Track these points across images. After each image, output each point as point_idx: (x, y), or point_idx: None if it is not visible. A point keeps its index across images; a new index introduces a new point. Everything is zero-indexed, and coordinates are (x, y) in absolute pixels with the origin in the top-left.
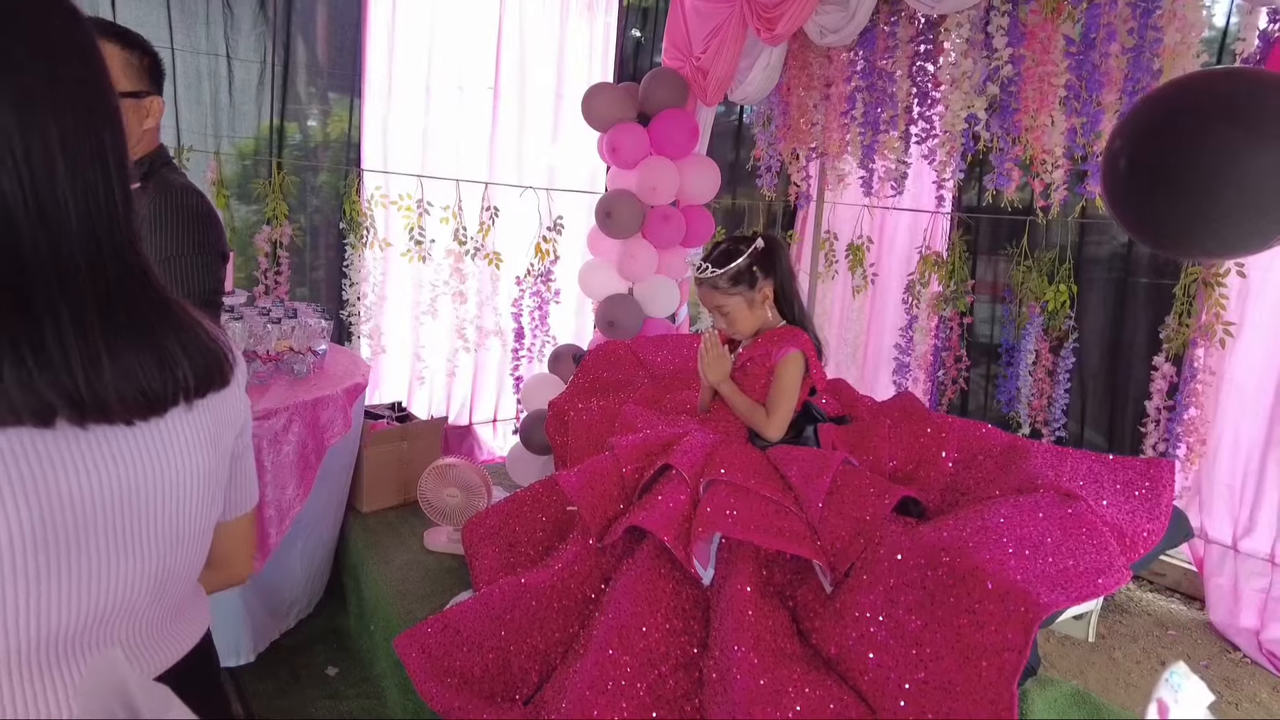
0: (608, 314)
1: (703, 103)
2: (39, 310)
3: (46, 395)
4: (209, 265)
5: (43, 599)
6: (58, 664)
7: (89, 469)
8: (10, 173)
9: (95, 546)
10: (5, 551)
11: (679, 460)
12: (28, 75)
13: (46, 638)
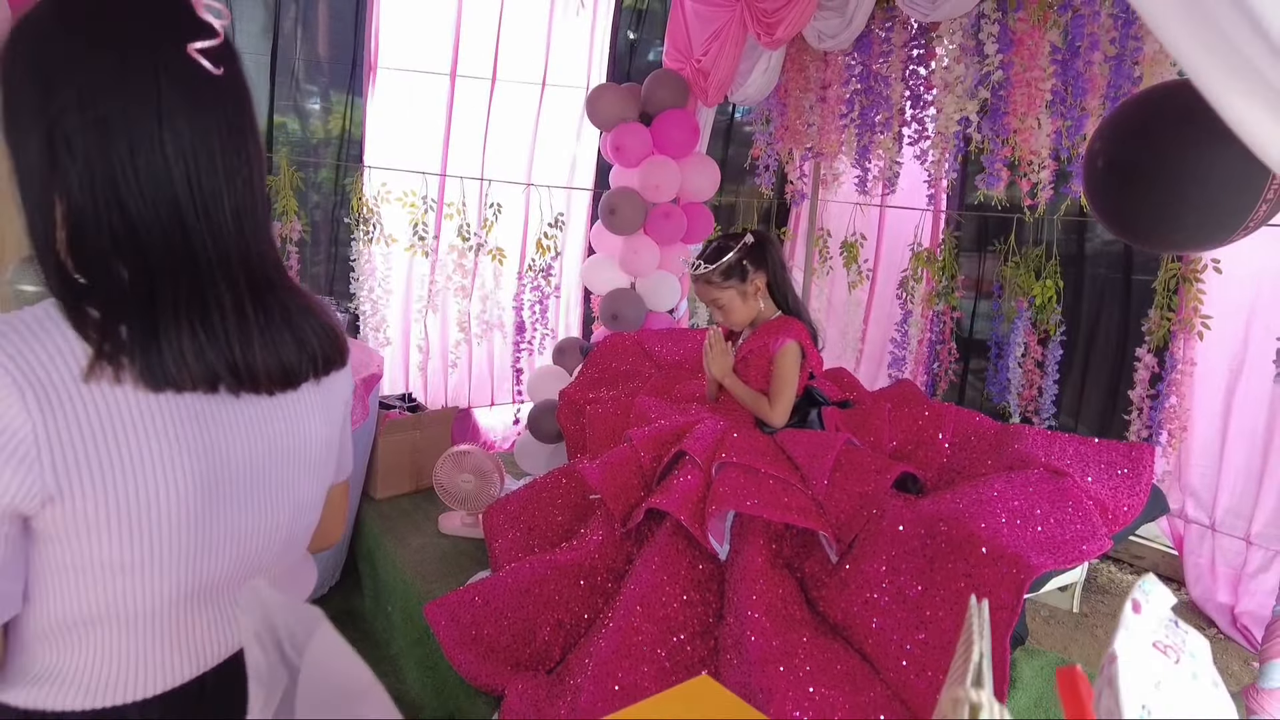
0: (611, 308)
1: (703, 103)
2: (207, 295)
3: (215, 366)
4: None
5: (204, 546)
6: (207, 606)
7: (241, 432)
8: (182, 180)
9: (242, 503)
10: (181, 501)
11: (692, 446)
12: (210, 93)
13: (202, 582)
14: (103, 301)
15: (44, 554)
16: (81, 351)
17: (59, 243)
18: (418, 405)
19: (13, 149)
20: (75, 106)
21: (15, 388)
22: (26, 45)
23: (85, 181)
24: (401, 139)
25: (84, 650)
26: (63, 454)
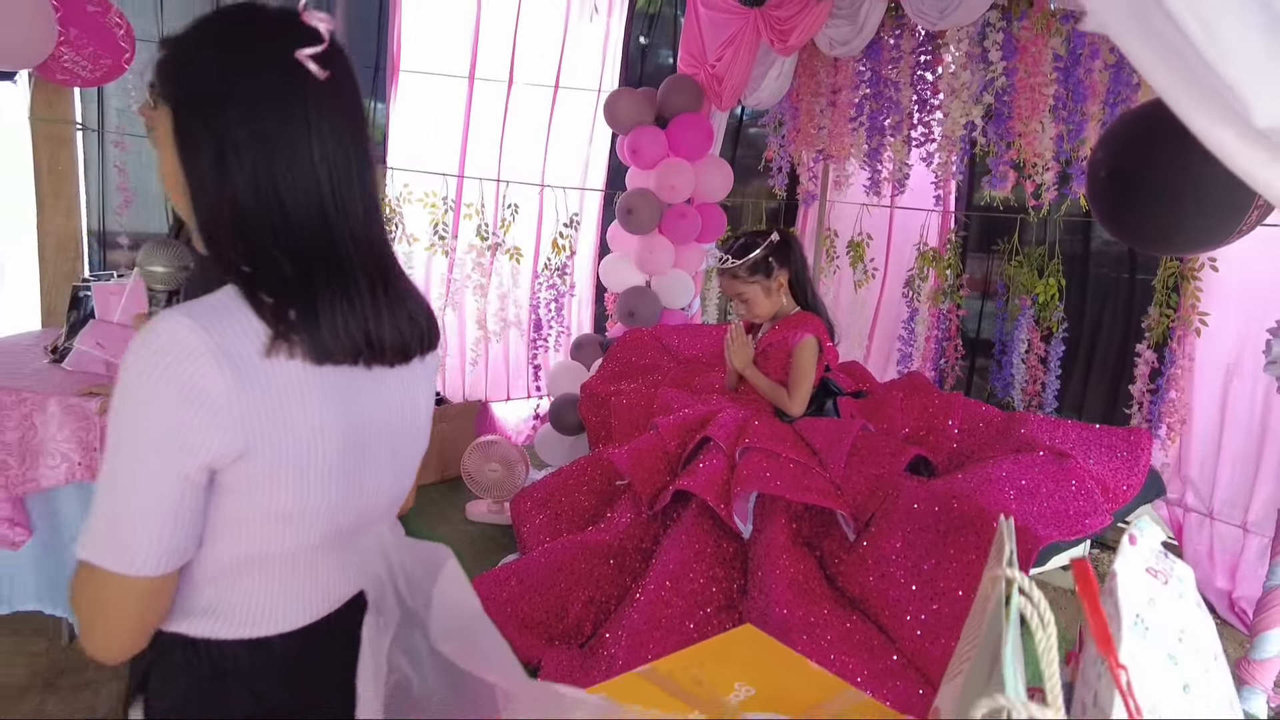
0: (628, 305)
1: (717, 107)
2: (348, 280)
3: (357, 340)
4: None
5: (342, 500)
6: (337, 553)
7: (371, 401)
8: (326, 182)
9: (370, 463)
10: (331, 459)
11: (716, 432)
12: (343, 109)
13: (337, 532)
14: (272, 288)
15: (222, 505)
16: (261, 329)
17: (220, 235)
18: (443, 399)
19: (184, 159)
20: (240, 122)
21: (215, 361)
22: (190, 69)
23: (249, 186)
24: (422, 141)
25: (242, 589)
26: (251, 417)
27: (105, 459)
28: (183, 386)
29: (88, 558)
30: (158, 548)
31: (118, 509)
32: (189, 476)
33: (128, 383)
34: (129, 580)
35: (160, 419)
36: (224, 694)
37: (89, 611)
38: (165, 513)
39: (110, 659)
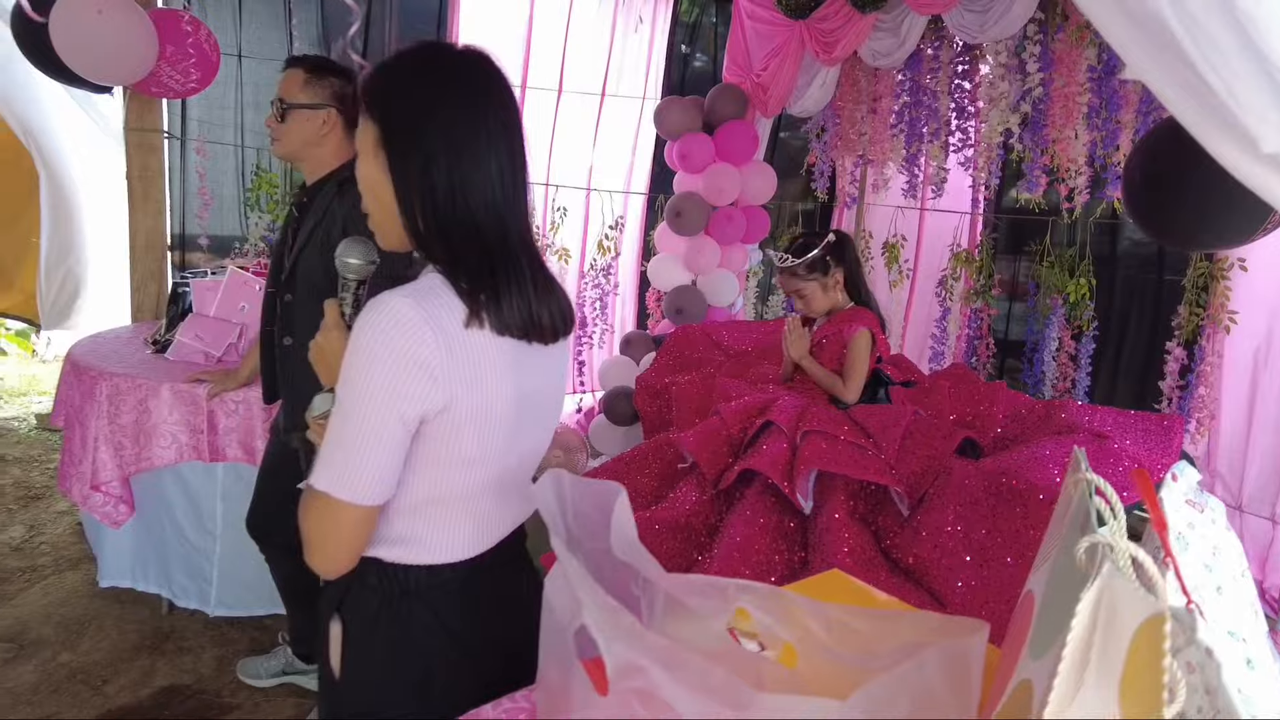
0: (675, 303)
1: (762, 114)
2: (519, 268)
3: (525, 319)
4: (396, 255)
5: (509, 450)
6: (501, 495)
7: (532, 370)
8: (499, 188)
9: (529, 422)
10: (505, 414)
11: (778, 417)
12: (510, 130)
13: (502, 478)
14: (465, 275)
15: (420, 451)
16: (459, 307)
17: (427, 233)
18: None
19: (393, 167)
20: (440, 141)
21: (430, 331)
22: (399, 93)
23: (446, 193)
24: None
25: (428, 522)
26: (454, 376)
27: (338, 410)
28: (404, 352)
29: (324, 488)
30: (377, 482)
31: (348, 449)
32: (405, 424)
33: (360, 347)
34: (354, 508)
35: (386, 378)
36: (409, 612)
37: (319, 533)
38: (385, 453)
39: (330, 573)
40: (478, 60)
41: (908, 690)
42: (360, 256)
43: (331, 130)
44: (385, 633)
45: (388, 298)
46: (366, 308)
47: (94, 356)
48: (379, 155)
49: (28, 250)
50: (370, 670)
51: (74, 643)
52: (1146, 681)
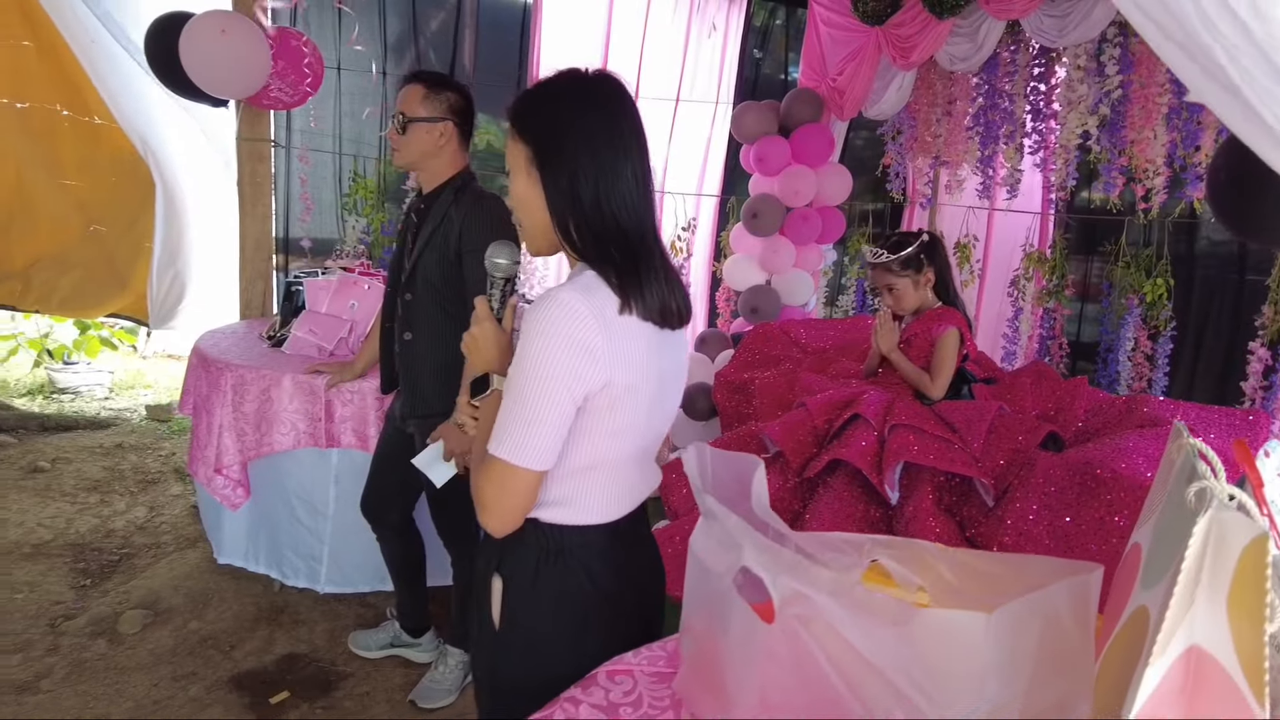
0: (750, 302)
1: (838, 118)
2: (653, 262)
3: (660, 305)
4: None
5: (648, 424)
6: (639, 465)
7: (665, 353)
8: (634, 192)
9: (663, 400)
10: (648, 391)
11: (866, 410)
12: (639, 140)
13: (645, 444)
14: (614, 270)
15: (580, 423)
16: (613, 298)
17: (579, 238)
18: None
19: (544, 180)
20: (585, 158)
21: (594, 320)
22: (547, 115)
23: (593, 202)
24: None
25: (581, 486)
26: (613, 358)
27: (514, 388)
28: (574, 337)
29: (503, 456)
30: (547, 450)
31: (524, 422)
32: (574, 400)
33: (536, 334)
34: (527, 472)
35: (559, 360)
36: (564, 568)
37: (494, 495)
38: (556, 425)
39: (500, 532)
40: (609, 82)
41: (1041, 614)
42: (507, 257)
43: (448, 142)
44: (543, 587)
45: (558, 292)
46: (538, 301)
47: (218, 350)
48: (531, 173)
49: (140, 254)
50: (530, 619)
51: (201, 612)
52: (1251, 596)
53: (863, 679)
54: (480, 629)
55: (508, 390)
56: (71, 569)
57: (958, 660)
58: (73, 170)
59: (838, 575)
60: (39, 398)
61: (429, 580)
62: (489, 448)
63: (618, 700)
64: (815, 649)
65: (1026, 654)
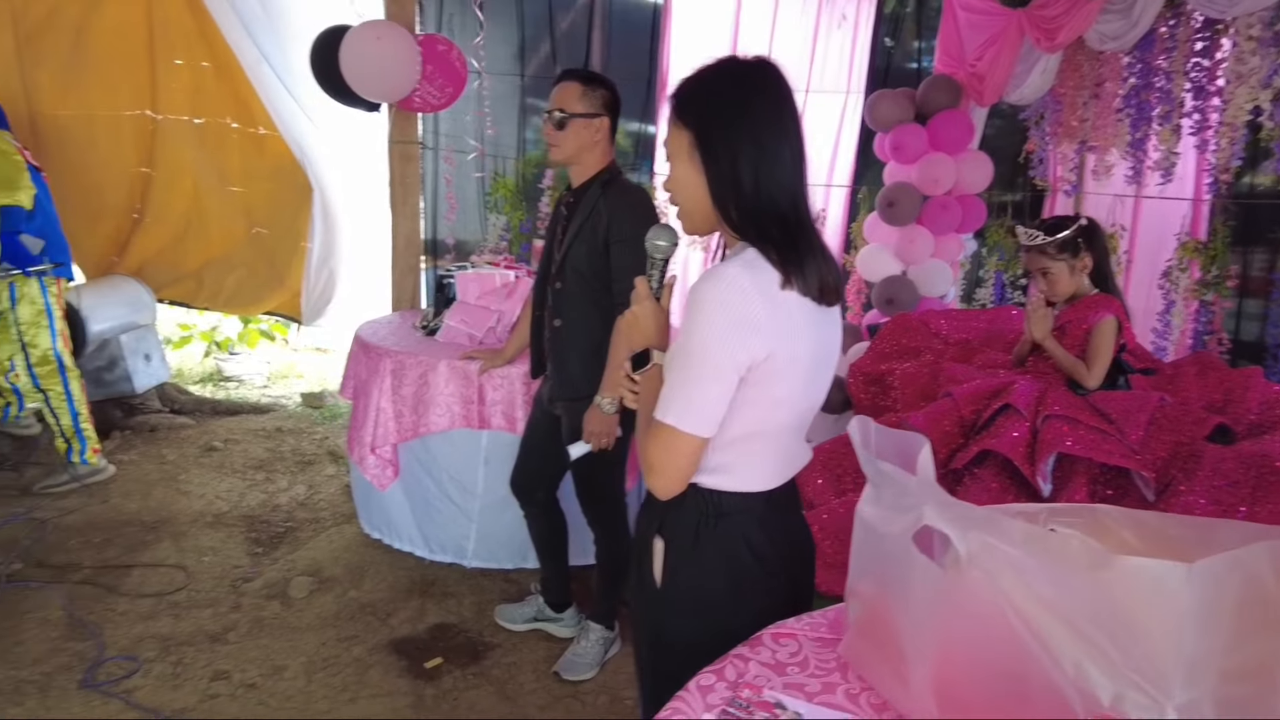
0: (886, 293)
1: (978, 104)
2: (809, 240)
3: (819, 281)
4: None
5: (804, 395)
6: (793, 436)
7: (822, 327)
8: (791, 174)
9: (819, 370)
10: (805, 363)
11: (1017, 400)
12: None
13: (800, 415)
14: (775, 249)
15: (742, 393)
16: (775, 274)
17: (740, 219)
18: None
19: (706, 166)
20: (747, 143)
21: (758, 295)
22: (711, 103)
23: (752, 182)
24: None
25: (740, 454)
26: (776, 331)
27: (681, 358)
28: (739, 312)
29: (671, 422)
30: (712, 417)
31: (691, 390)
32: (738, 370)
33: (704, 308)
34: (693, 438)
35: (726, 332)
36: (723, 532)
37: (661, 460)
38: (721, 393)
39: (666, 494)
40: (767, 68)
41: (1242, 571)
42: (667, 239)
43: (603, 136)
44: (703, 548)
45: (724, 269)
46: (705, 277)
47: (377, 338)
48: (693, 157)
49: (296, 253)
50: (690, 579)
51: (359, 582)
52: None
53: (1052, 631)
54: (642, 588)
55: (675, 360)
56: (246, 537)
57: (1155, 611)
58: (239, 178)
59: (1029, 526)
60: (209, 384)
61: (570, 560)
62: (657, 414)
63: (784, 660)
64: (1003, 601)
65: (1226, 609)
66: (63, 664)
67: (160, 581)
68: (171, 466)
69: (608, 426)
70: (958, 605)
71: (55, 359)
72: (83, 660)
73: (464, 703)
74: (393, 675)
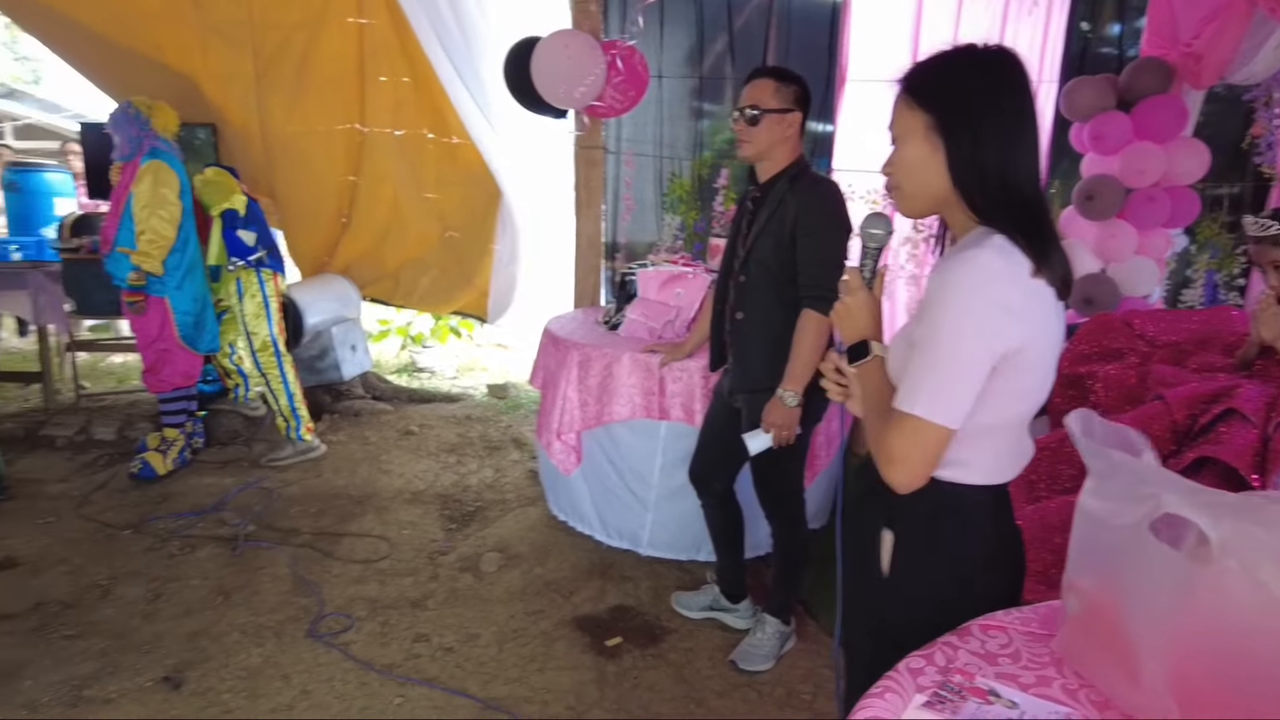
0: (1084, 292)
1: (1193, 87)
2: (1050, 228)
3: (1062, 271)
4: (840, 236)
5: (1043, 385)
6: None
7: (1060, 321)
8: (1033, 161)
9: (1051, 365)
10: (1050, 354)
11: (1243, 405)
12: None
13: (1033, 408)
14: (1019, 234)
15: (990, 384)
16: (1025, 260)
17: (984, 203)
18: None
19: (950, 153)
20: (991, 127)
21: (1012, 281)
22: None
23: (996, 166)
24: (866, 142)
25: (981, 447)
26: (1029, 319)
27: (931, 347)
28: (995, 297)
29: (920, 413)
30: (960, 408)
31: (941, 380)
32: (992, 359)
33: (954, 293)
34: (939, 428)
35: (980, 319)
36: (957, 525)
37: (904, 450)
38: (971, 384)
39: (906, 487)
40: (1007, 56)
41: None
42: (882, 228)
43: (794, 131)
44: (937, 542)
45: (974, 254)
46: (958, 263)
47: (564, 331)
48: (930, 139)
49: (484, 255)
50: (920, 571)
51: (543, 560)
52: None
53: None
54: (866, 576)
55: (924, 348)
56: (440, 514)
57: None
58: (433, 185)
59: None
60: (404, 374)
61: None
62: (902, 405)
63: (995, 651)
64: (1262, 594)
65: None
66: (291, 615)
67: (367, 549)
68: (374, 447)
69: (789, 419)
70: (1205, 599)
71: (273, 345)
72: (307, 613)
73: (644, 682)
74: (576, 650)
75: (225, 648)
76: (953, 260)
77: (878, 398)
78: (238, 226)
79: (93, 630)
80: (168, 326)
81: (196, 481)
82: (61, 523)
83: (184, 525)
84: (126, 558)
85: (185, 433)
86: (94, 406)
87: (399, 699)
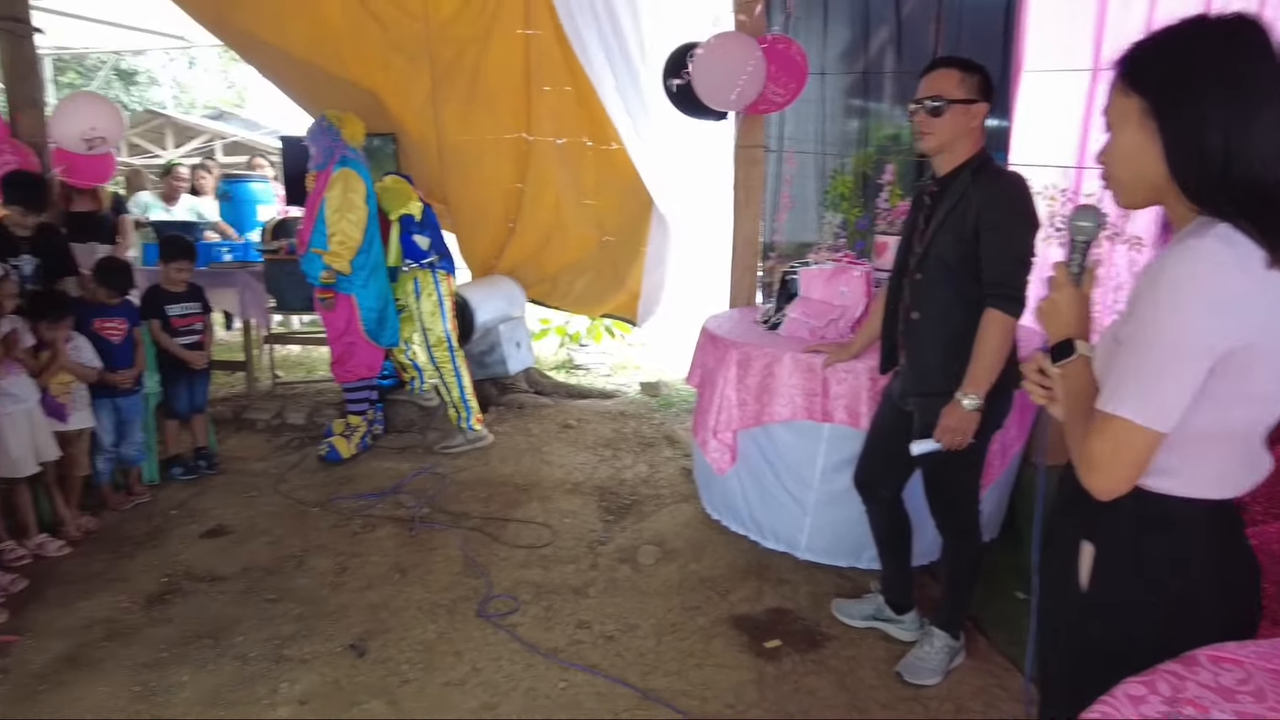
0: None
1: None
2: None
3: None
4: (1026, 232)
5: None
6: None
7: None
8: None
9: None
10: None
11: None
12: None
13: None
14: (1250, 223)
15: (1208, 386)
16: (1258, 250)
17: (1205, 190)
18: None
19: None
20: (1216, 103)
21: (1239, 273)
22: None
23: (1219, 149)
24: (1042, 135)
25: (1197, 456)
26: (1255, 314)
27: (1142, 344)
28: (1218, 291)
29: (1125, 414)
30: (1173, 410)
31: (1153, 379)
32: (1210, 357)
33: (1171, 283)
34: (1148, 431)
35: (1198, 314)
36: (1167, 540)
37: (1108, 455)
38: (1186, 384)
39: (1108, 494)
40: (1241, 24)
41: None
42: (1092, 220)
43: (978, 122)
44: (1143, 557)
45: (1197, 243)
46: (1180, 254)
47: (723, 330)
48: (1145, 125)
49: (636, 258)
50: (1124, 588)
51: (699, 556)
52: None
53: None
54: (1064, 588)
55: (1133, 344)
56: (599, 506)
57: None
58: (592, 191)
59: None
60: (562, 371)
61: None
62: (1106, 406)
63: (1231, 686)
64: None
65: None
66: (462, 595)
67: (531, 536)
68: (536, 439)
69: (965, 424)
70: None
71: (447, 340)
72: (476, 594)
73: (804, 687)
74: (734, 649)
75: (403, 621)
76: (1169, 252)
77: (1082, 399)
78: (413, 231)
79: (290, 596)
80: (354, 321)
81: (377, 465)
82: (262, 497)
83: (365, 505)
84: (316, 532)
85: (367, 420)
86: (287, 394)
87: (563, 683)
